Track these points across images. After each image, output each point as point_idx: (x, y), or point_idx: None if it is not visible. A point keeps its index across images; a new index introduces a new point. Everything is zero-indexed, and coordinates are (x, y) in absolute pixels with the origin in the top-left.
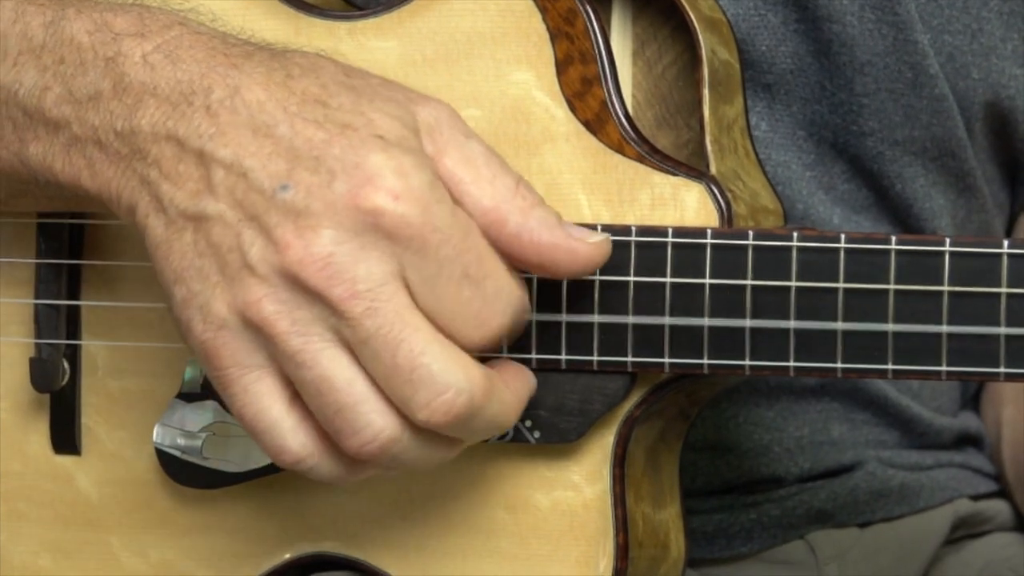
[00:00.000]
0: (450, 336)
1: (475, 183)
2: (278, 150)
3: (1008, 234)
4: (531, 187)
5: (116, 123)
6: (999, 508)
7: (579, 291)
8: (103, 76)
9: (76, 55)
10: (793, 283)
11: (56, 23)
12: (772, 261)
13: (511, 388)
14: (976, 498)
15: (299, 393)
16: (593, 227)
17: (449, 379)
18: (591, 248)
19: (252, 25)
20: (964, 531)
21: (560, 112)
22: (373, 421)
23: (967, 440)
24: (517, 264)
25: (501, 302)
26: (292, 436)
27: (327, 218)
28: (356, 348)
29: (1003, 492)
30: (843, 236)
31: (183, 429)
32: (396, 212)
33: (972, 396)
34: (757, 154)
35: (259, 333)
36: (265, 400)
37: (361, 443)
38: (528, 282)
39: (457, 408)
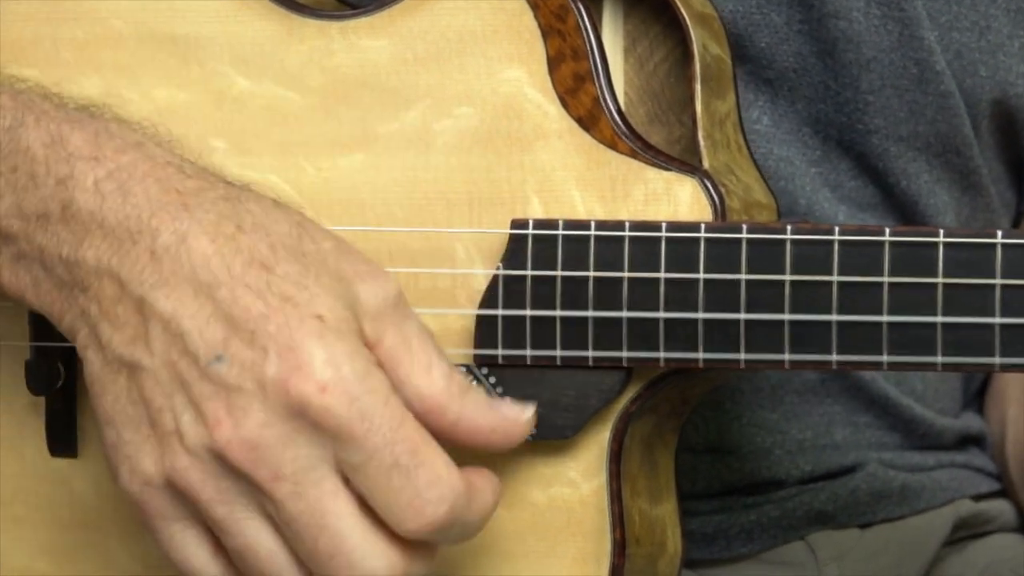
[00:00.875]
0: (385, 521)
1: (413, 371)
2: (217, 315)
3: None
4: (461, 372)
5: (62, 249)
6: (1001, 508)
7: (573, 288)
8: (52, 196)
9: (29, 167)
10: (787, 276)
11: (14, 129)
12: (766, 254)
13: (433, 557)
14: (978, 498)
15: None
16: (587, 223)
17: (368, 565)
18: (522, 427)
19: (244, 27)
20: (966, 531)
21: (553, 109)
22: None
23: (969, 440)
24: (454, 445)
25: (435, 492)
26: None
27: (257, 400)
28: (280, 526)
29: (1005, 492)
30: (837, 229)
31: None
32: (321, 405)
33: (974, 397)
34: (750, 149)
35: (184, 496)
36: (190, 549)
37: None
38: (522, 278)
39: None
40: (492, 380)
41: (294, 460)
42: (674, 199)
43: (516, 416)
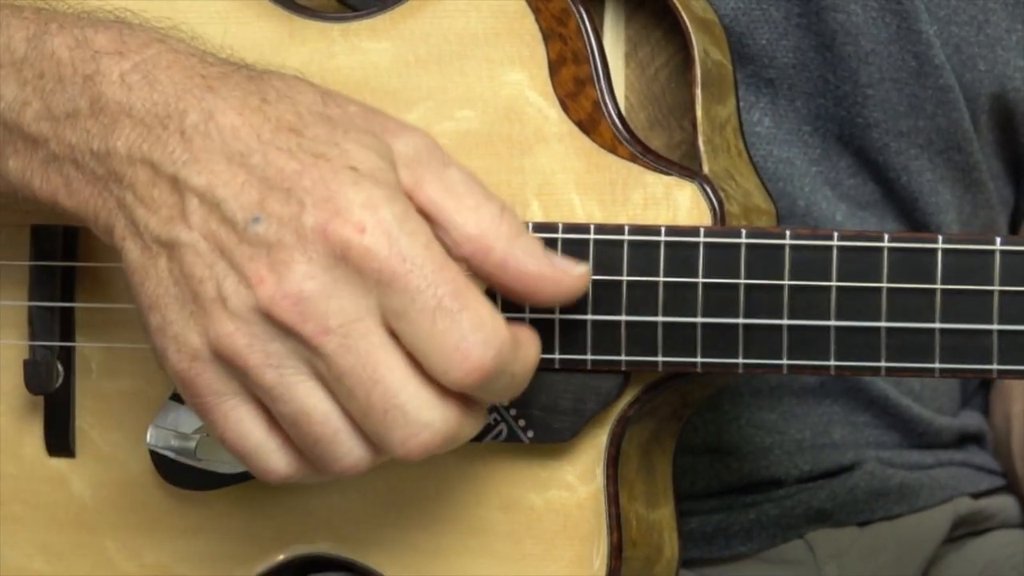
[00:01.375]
0: (430, 371)
1: (458, 211)
2: (251, 180)
3: (1012, 231)
4: (516, 215)
5: (93, 143)
6: (1003, 504)
7: None
8: (81, 94)
9: (56, 70)
10: (786, 281)
11: (38, 37)
12: (765, 259)
13: (485, 415)
14: (977, 495)
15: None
16: (586, 227)
17: (423, 418)
18: (574, 280)
19: (245, 28)
20: (965, 529)
21: (553, 112)
22: (351, 450)
23: (968, 438)
24: (501, 292)
25: (481, 335)
26: (276, 457)
27: (299, 252)
28: (331, 383)
29: (1006, 488)
30: (836, 234)
31: (177, 431)
32: (361, 245)
33: (972, 395)
34: (750, 154)
35: (232, 365)
36: (245, 426)
37: (340, 470)
38: None
39: (434, 446)
40: None
41: (340, 311)
42: (673, 204)
43: (568, 267)
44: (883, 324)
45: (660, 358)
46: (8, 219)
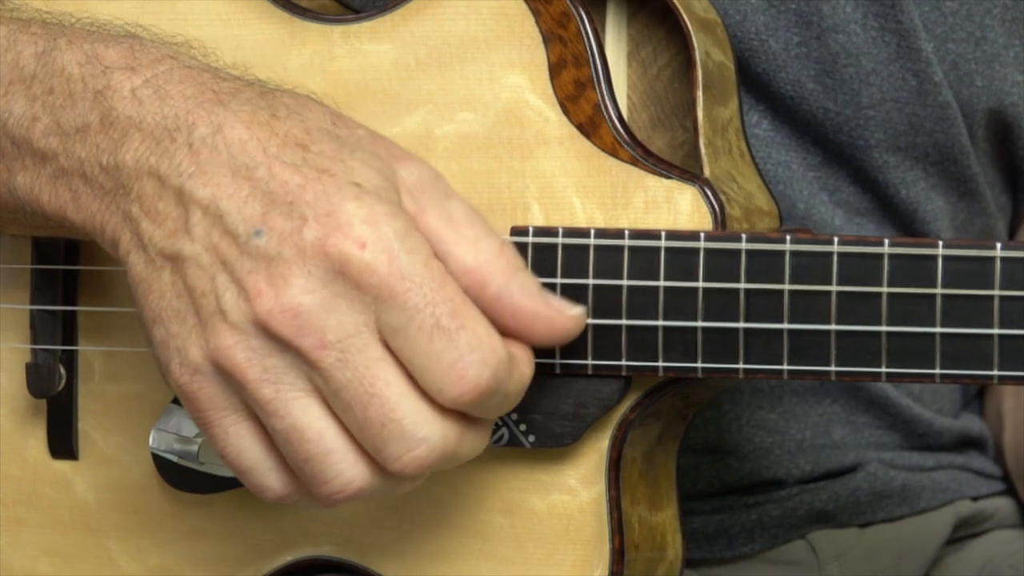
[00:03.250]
0: (425, 389)
1: (457, 243)
2: (254, 193)
3: (1011, 238)
4: (515, 251)
5: (102, 157)
6: (999, 505)
7: (573, 296)
8: (91, 109)
9: (66, 86)
10: (786, 286)
11: (48, 53)
12: (765, 264)
13: (485, 429)
14: (977, 499)
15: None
16: (587, 231)
17: (420, 433)
18: (568, 321)
19: (246, 30)
20: (965, 531)
21: (553, 115)
22: (343, 471)
23: (968, 442)
24: (495, 327)
25: (478, 355)
26: (273, 476)
27: (298, 266)
28: (329, 398)
29: (1006, 492)
30: (836, 239)
31: (179, 434)
32: (361, 260)
33: (973, 397)
34: (753, 155)
35: (231, 379)
36: (244, 443)
37: (330, 492)
38: None
39: (430, 461)
40: None
41: (338, 326)
42: (674, 207)
43: (563, 307)
44: (883, 329)
45: (661, 363)
46: (15, 232)
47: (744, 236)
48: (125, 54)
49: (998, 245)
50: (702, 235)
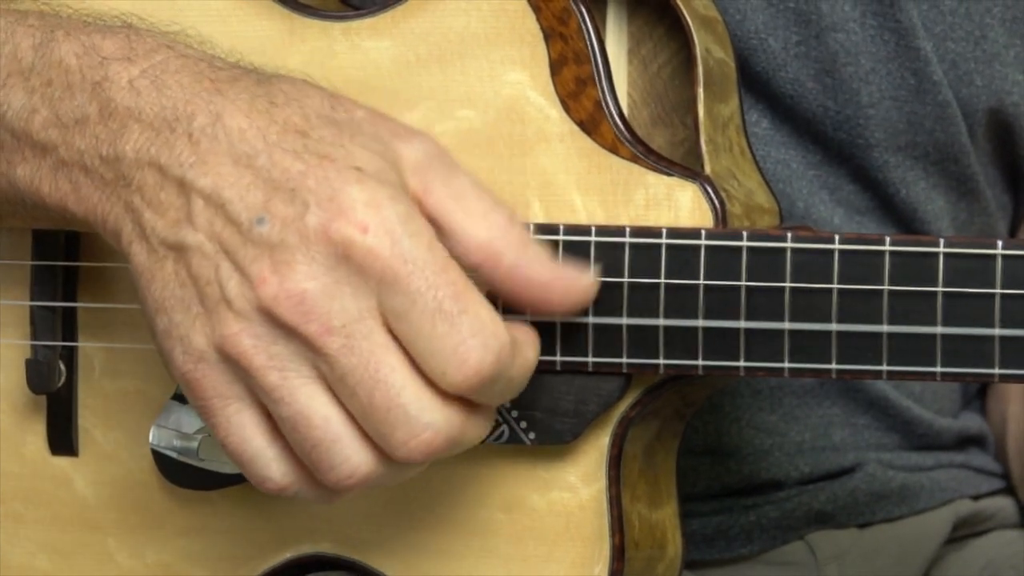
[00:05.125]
0: (428, 374)
1: (467, 219)
2: (256, 181)
3: (1012, 236)
4: (523, 223)
5: (101, 148)
6: (1000, 505)
7: None
8: (90, 100)
9: (64, 78)
10: (787, 284)
11: (45, 45)
12: (766, 262)
13: (489, 416)
14: (978, 498)
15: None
16: (587, 228)
17: (426, 419)
18: (582, 288)
19: (246, 26)
20: (965, 530)
21: (554, 112)
22: (349, 457)
23: (969, 440)
24: (509, 300)
25: (480, 339)
26: (275, 466)
27: (301, 252)
28: (333, 384)
29: (1006, 490)
30: (837, 237)
31: (179, 431)
32: (364, 245)
33: (974, 397)
34: (753, 152)
35: (237, 367)
36: (247, 431)
37: (337, 478)
38: None
39: (436, 447)
40: None
41: (343, 311)
42: (675, 204)
43: (575, 276)
44: (884, 328)
45: (661, 360)
46: (16, 225)
47: (745, 233)
48: (122, 45)
49: (999, 243)
50: (703, 232)
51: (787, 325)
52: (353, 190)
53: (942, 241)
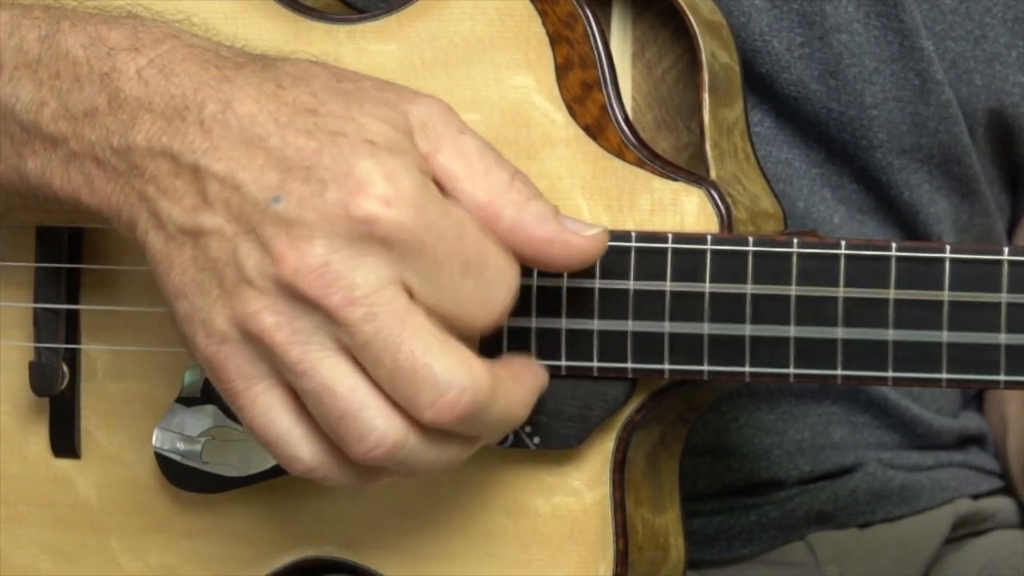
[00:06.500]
0: (458, 325)
1: (469, 178)
2: (270, 162)
3: (1009, 237)
4: (528, 180)
5: (112, 139)
6: (1000, 505)
7: (579, 297)
8: (99, 92)
9: (72, 70)
10: (793, 290)
11: (51, 37)
12: (772, 267)
13: (519, 381)
14: (978, 497)
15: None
16: None
17: (452, 378)
18: (586, 241)
19: (251, 29)
20: (965, 530)
21: (560, 117)
22: (377, 427)
23: (969, 440)
24: (519, 257)
25: (503, 283)
26: (303, 446)
27: (320, 228)
28: (357, 354)
29: (1006, 489)
30: (843, 243)
31: (182, 433)
32: (389, 218)
33: (974, 396)
34: (758, 158)
35: (260, 345)
36: (274, 411)
37: (366, 449)
38: (527, 288)
39: (463, 406)
40: None
41: (364, 282)
42: (681, 209)
43: (580, 228)
44: (890, 334)
45: (666, 366)
46: (26, 219)
47: (751, 239)
48: (128, 35)
49: (1006, 249)
50: (709, 237)
51: (793, 331)
52: (368, 164)
53: (948, 247)
